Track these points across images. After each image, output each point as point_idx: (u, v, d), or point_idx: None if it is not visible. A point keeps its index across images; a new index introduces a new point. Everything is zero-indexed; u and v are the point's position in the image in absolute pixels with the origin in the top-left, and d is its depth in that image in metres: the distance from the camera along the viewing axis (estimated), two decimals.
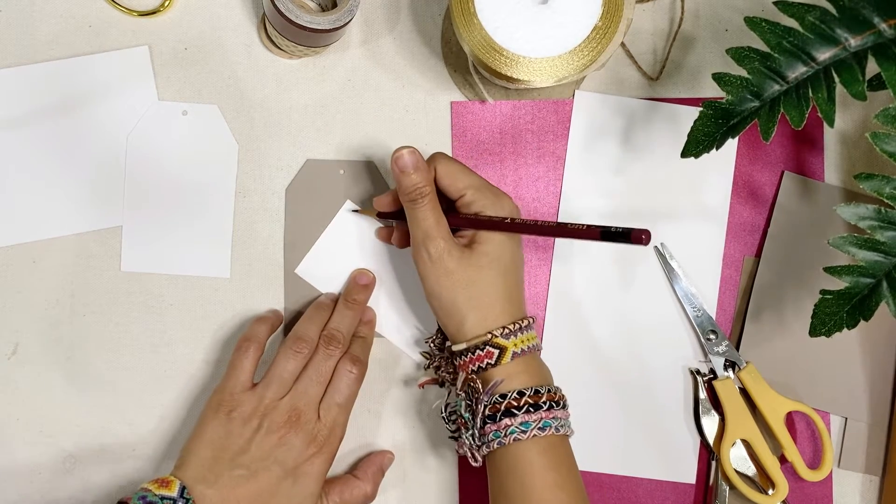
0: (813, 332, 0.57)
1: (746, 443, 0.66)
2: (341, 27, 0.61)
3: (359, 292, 0.66)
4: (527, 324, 0.59)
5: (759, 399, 0.66)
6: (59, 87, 0.67)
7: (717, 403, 0.67)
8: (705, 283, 0.68)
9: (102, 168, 0.67)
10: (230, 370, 0.61)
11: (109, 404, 0.67)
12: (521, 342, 0.58)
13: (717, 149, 0.56)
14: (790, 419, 0.67)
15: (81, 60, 0.67)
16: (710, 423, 0.67)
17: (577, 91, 0.69)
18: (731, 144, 0.69)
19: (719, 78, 0.56)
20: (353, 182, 0.68)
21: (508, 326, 0.57)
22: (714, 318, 0.68)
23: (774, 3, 0.56)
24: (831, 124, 0.54)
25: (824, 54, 0.55)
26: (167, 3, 0.68)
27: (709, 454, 0.67)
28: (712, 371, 0.67)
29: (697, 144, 0.57)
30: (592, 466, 0.67)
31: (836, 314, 0.56)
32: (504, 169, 0.68)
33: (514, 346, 0.57)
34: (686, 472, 0.67)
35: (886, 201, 0.55)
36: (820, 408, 0.68)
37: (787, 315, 0.68)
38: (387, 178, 0.68)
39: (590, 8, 0.59)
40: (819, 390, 0.68)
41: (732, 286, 0.69)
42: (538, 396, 0.56)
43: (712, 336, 0.67)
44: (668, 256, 0.68)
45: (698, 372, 0.67)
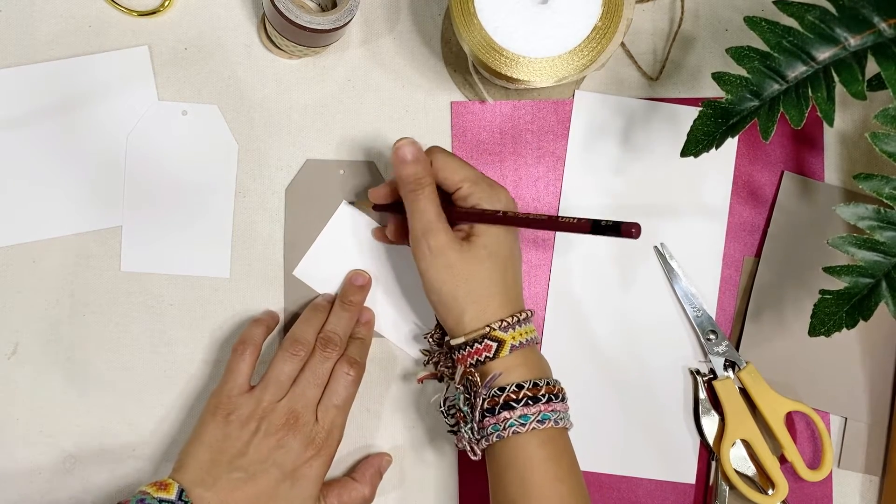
0: (812, 332, 0.57)
1: (746, 443, 0.66)
2: (341, 27, 0.61)
3: (355, 293, 0.66)
4: (525, 317, 0.59)
5: (758, 399, 0.66)
6: (59, 87, 0.67)
7: (717, 403, 0.67)
8: (705, 283, 0.68)
9: (102, 168, 0.67)
10: (227, 373, 0.61)
11: (109, 404, 0.67)
12: (520, 335, 0.58)
13: (717, 148, 0.56)
14: (790, 419, 0.67)
15: (81, 60, 0.67)
16: (710, 423, 0.67)
17: (577, 91, 0.69)
18: (731, 144, 0.69)
19: (719, 77, 0.56)
20: (353, 182, 0.68)
21: (507, 320, 0.57)
22: (714, 318, 0.68)
23: (774, 2, 0.56)
24: (831, 124, 0.54)
25: (824, 54, 0.55)
26: (167, 3, 0.68)
27: (709, 454, 0.67)
28: (712, 371, 0.67)
29: (697, 144, 0.57)
30: (592, 466, 0.67)
31: (835, 314, 0.56)
32: (504, 169, 0.68)
33: (512, 339, 0.57)
34: (686, 472, 0.67)
35: (886, 201, 0.55)
36: (820, 408, 0.68)
37: (787, 315, 0.68)
38: (387, 178, 0.68)
39: (590, 8, 0.59)
40: (819, 390, 0.68)
41: (732, 286, 0.69)
42: (537, 389, 0.56)
43: (712, 336, 0.67)
44: (668, 256, 0.68)
45: (698, 372, 0.67)
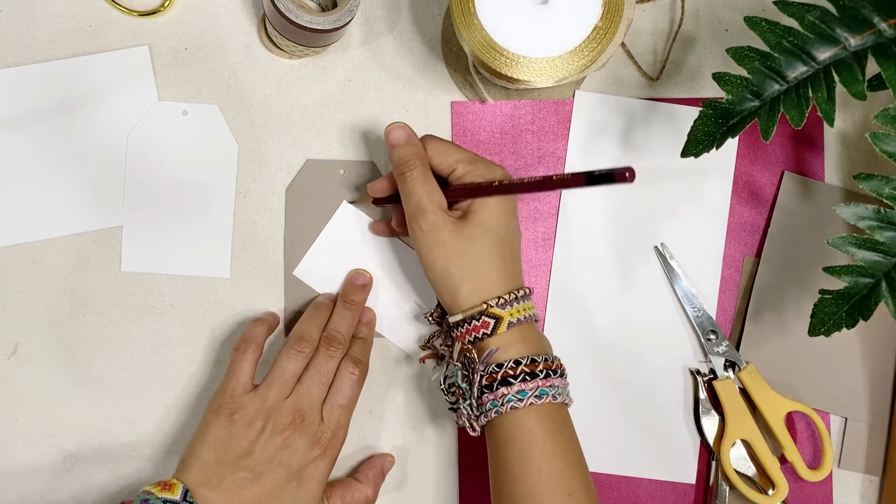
0: (812, 332, 0.57)
1: (746, 443, 0.66)
2: (341, 27, 0.61)
3: (356, 293, 0.66)
4: (523, 294, 0.59)
5: (759, 399, 0.66)
6: (59, 87, 0.67)
7: (717, 403, 0.67)
8: (705, 283, 0.68)
9: (102, 168, 0.67)
10: (230, 373, 0.61)
11: (109, 404, 0.67)
12: (518, 312, 0.57)
13: (717, 148, 0.56)
14: (790, 419, 0.67)
15: (81, 60, 0.67)
16: (710, 423, 0.67)
17: (577, 91, 0.69)
18: (732, 144, 0.69)
19: (719, 77, 0.56)
20: (353, 182, 0.68)
21: (504, 296, 0.57)
22: (714, 318, 0.68)
23: (774, 2, 0.56)
24: (831, 124, 0.54)
25: (824, 54, 0.55)
26: (167, 3, 0.68)
27: (709, 454, 0.67)
28: (712, 371, 0.67)
29: (697, 144, 0.57)
30: (592, 466, 0.66)
31: (835, 314, 0.56)
32: (506, 169, 0.68)
33: (510, 315, 0.57)
34: (686, 472, 0.67)
35: (886, 201, 0.55)
36: (820, 408, 0.68)
37: (787, 315, 0.68)
38: None
39: (590, 8, 0.59)
40: (819, 390, 0.68)
41: (732, 286, 0.69)
42: (534, 365, 0.56)
43: (712, 336, 0.67)
44: (668, 256, 0.68)
45: (698, 372, 0.67)
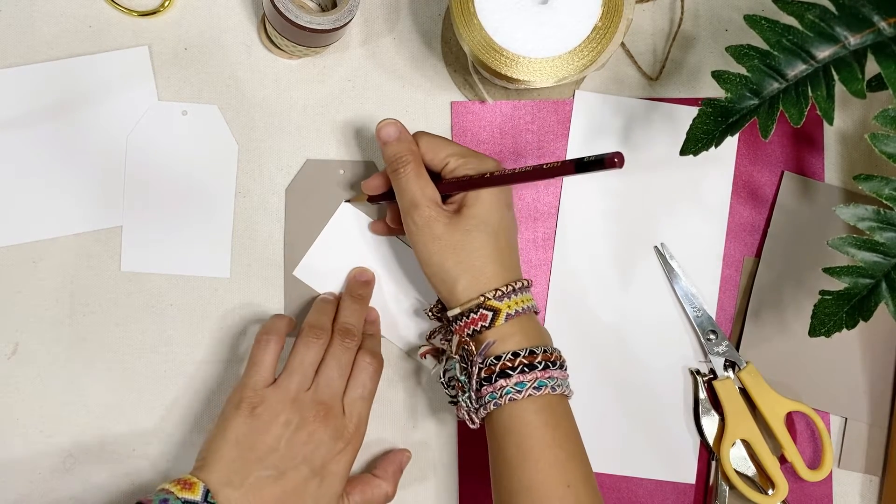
0: (812, 333, 0.57)
1: (746, 443, 0.66)
2: (341, 27, 0.61)
3: (362, 287, 0.66)
4: (521, 285, 0.58)
5: (759, 399, 0.66)
6: (59, 87, 0.67)
7: (717, 403, 0.67)
8: (705, 283, 0.68)
9: (102, 168, 0.67)
10: (251, 365, 0.60)
11: (109, 404, 0.67)
12: (516, 304, 0.57)
13: (717, 147, 0.56)
14: (790, 419, 0.67)
15: (81, 60, 0.67)
16: (710, 423, 0.67)
17: (577, 91, 0.69)
18: (731, 144, 0.69)
19: (718, 76, 0.56)
20: (353, 182, 0.68)
21: (501, 288, 0.57)
22: (714, 318, 0.68)
23: (774, 1, 0.56)
24: (831, 122, 0.54)
25: (824, 52, 0.55)
26: (167, 3, 0.68)
27: (709, 454, 0.67)
28: (712, 371, 0.67)
29: (696, 142, 0.57)
30: (592, 467, 0.67)
31: (835, 315, 0.56)
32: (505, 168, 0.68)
33: (507, 307, 0.57)
34: (686, 472, 0.67)
35: (885, 202, 0.55)
36: (820, 408, 0.67)
37: (787, 315, 0.68)
38: None
39: (590, 8, 0.59)
40: (819, 390, 0.68)
41: (732, 286, 0.68)
42: (533, 357, 0.56)
43: (712, 336, 0.67)
44: (668, 256, 0.68)
45: (698, 372, 0.67)
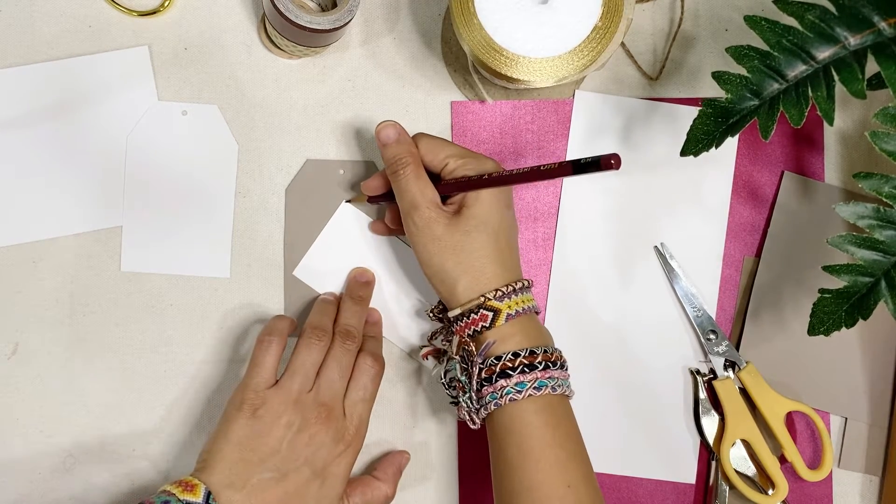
0: (811, 331, 0.57)
1: (746, 443, 0.66)
2: (341, 27, 0.61)
3: (362, 289, 0.66)
4: (522, 286, 0.59)
5: (759, 399, 0.66)
6: (59, 87, 0.67)
7: (717, 403, 0.67)
8: (705, 283, 0.68)
9: (102, 168, 0.67)
10: (252, 366, 0.59)
11: (109, 404, 0.67)
12: (517, 304, 0.57)
13: (717, 147, 0.56)
14: (790, 419, 0.67)
15: (81, 60, 0.67)
16: (710, 423, 0.67)
17: (577, 91, 0.69)
18: (731, 144, 0.69)
19: (719, 76, 0.56)
20: (353, 182, 0.68)
21: (501, 289, 0.57)
22: (714, 318, 0.68)
23: (774, 1, 0.56)
24: (831, 123, 0.54)
25: (824, 53, 0.55)
26: (167, 3, 0.68)
27: (709, 454, 0.67)
28: (712, 371, 0.67)
29: (697, 143, 0.57)
30: (593, 467, 0.67)
31: (834, 313, 0.56)
32: (505, 168, 0.68)
33: (508, 308, 0.57)
34: (686, 472, 0.67)
35: (885, 200, 0.55)
36: (820, 408, 0.67)
37: (786, 315, 0.68)
38: None
39: (590, 8, 0.59)
40: (819, 390, 0.68)
41: (732, 286, 0.68)
42: (533, 357, 0.56)
43: (712, 336, 0.67)
44: (668, 256, 0.68)
45: (698, 372, 0.67)
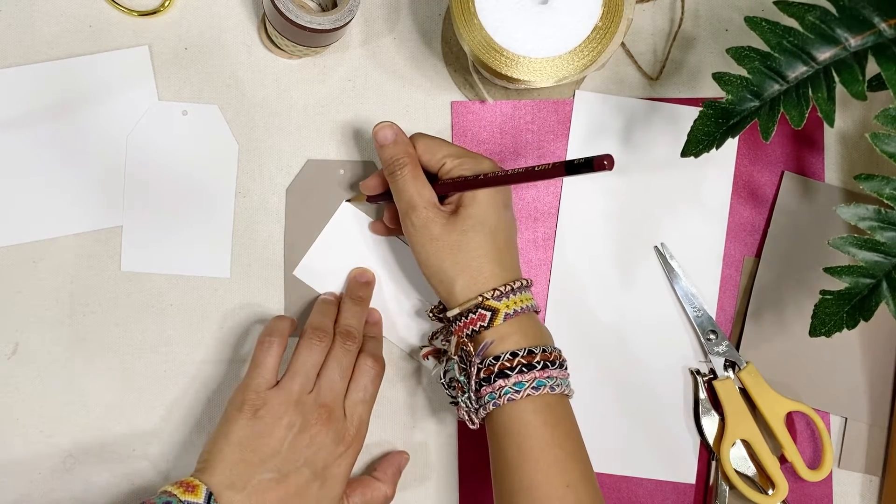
0: (813, 333, 0.57)
1: (746, 443, 0.66)
2: (341, 27, 0.61)
3: (362, 289, 0.66)
4: (520, 285, 0.59)
5: (759, 399, 0.66)
6: (59, 87, 0.67)
7: (717, 403, 0.67)
8: (705, 283, 0.68)
9: (102, 168, 0.67)
10: (253, 367, 0.59)
11: (109, 404, 0.67)
12: (514, 303, 0.57)
13: (717, 148, 0.56)
14: (790, 419, 0.67)
15: (81, 60, 0.67)
16: (710, 423, 0.67)
17: (577, 91, 0.69)
18: (732, 144, 0.69)
19: (719, 77, 0.56)
20: (353, 182, 0.68)
21: (499, 288, 0.57)
22: (714, 318, 0.68)
23: (775, 2, 0.56)
24: (831, 124, 0.54)
25: (824, 54, 0.55)
26: (167, 3, 0.68)
27: (709, 454, 0.67)
28: (712, 371, 0.67)
29: (697, 144, 0.57)
30: (593, 467, 0.67)
31: (835, 314, 0.56)
32: (504, 168, 0.68)
33: (506, 307, 0.57)
34: (686, 472, 0.67)
35: (886, 202, 0.55)
36: (820, 408, 0.68)
37: (787, 315, 0.68)
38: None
39: (590, 8, 0.59)
40: (819, 390, 0.68)
41: (732, 286, 0.69)
42: (532, 356, 0.56)
43: (712, 336, 0.67)
44: (668, 256, 0.68)
45: (698, 372, 0.67)
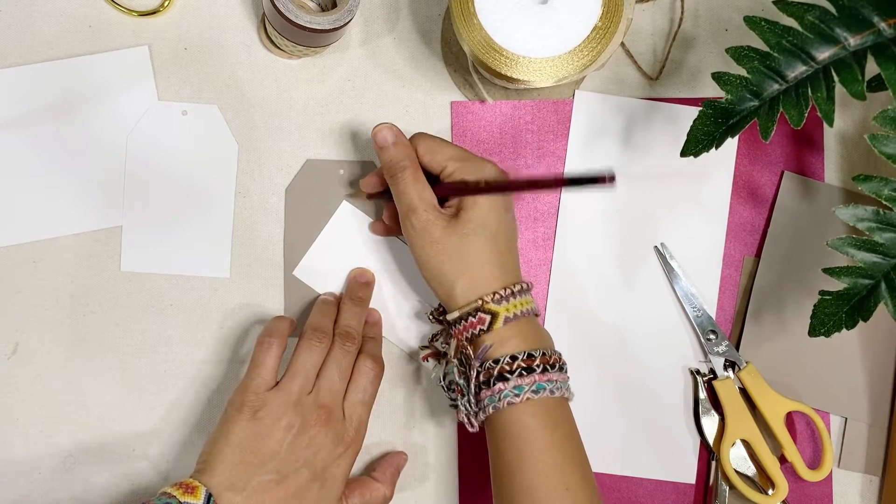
0: (812, 333, 0.57)
1: (746, 443, 0.66)
2: (341, 27, 0.61)
3: (361, 289, 0.66)
4: (520, 288, 0.58)
5: (758, 399, 0.66)
6: (59, 87, 0.67)
7: (717, 403, 0.67)
8: (705, 283, 0.68)
9: (102, 168, 0.67)
10: (252, 367, 0.59)
11: (109, 404, 0.67)
12: (515, 307, 0.57)
13: (717, 148, 0.56)
14: (790, 419, 0.67)
15: (81, 60, 0.67)
16: (710, 423, 0.67)
17: (577, 91, 0.69)
18: (731, 144, 0.69)
19: (719, 77, 0.56)
20: (352, 182, 0.68)
21: (500, 292, 0.57)
22: (714, 318, 0.68)
23: (774, 2, 0.56)
24: (831, 124, 0.54)
25: (824, 54, 0.55)
26: (167, 3, 0.68)
27: (709, 454, 0.67)
28: (712, 371, 0.67)
29: (697, 143, 0.57)
30: (593, 466, 0.67)
31: (835, 315, 0.56)
32: (504, 168, 0.68)
33: (506, 311, 0.57)
34: (686, 472, 0.67)
35: (885, 203, 0.55)
36: (820, 408, 0.67)
37: (787, 315, 0.68)
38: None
39: (590, 8, 0.59)
40: (819, 390, 0.68)
41: (732, 286, 0.68)
42: (531, 360, 0.56)
43: (712, 336, 0.67)
44: (668, 256, 0.68)
45: (698, 372, 0.67)
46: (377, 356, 0.63)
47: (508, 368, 0.56)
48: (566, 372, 0.59)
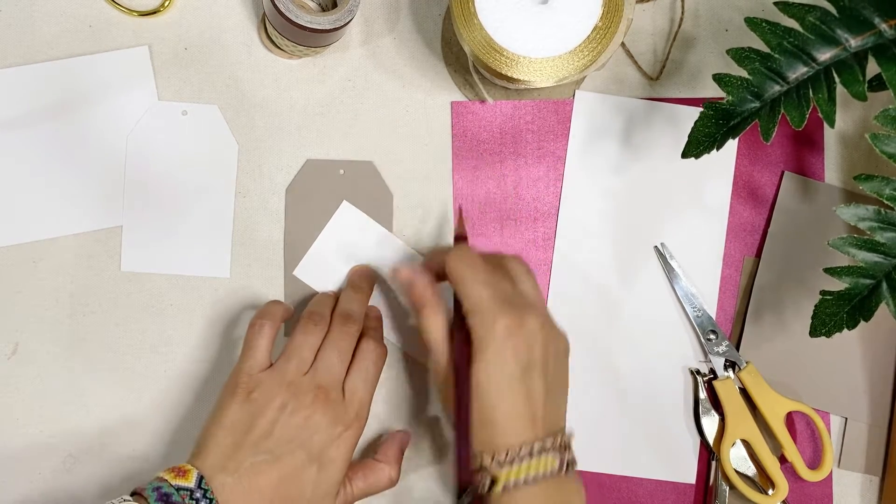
0: (813, 333, 0.57)
1: (746, 443, 0.66)
2: (341, 27, 0.61)
3: (362, 280, 0.65)
4: (541, 447, 0.52)
5: (759, 399, 0.66)
6: (59, 87, 0.67)
7: (717, 403, 0.67)
8: (705, 283, 0.68)
9: (102, 168, 0.67)
10: (245, 350, 0.58)
11: (109, 404, 0.67)
12: (526, 470, 0.51)
13: (718, 149, 0.56)
14: (790, 419, 0.67)
15: (81, 60, 0.67)
16: (710, 423, 0.67)
17: (577, 91, 0.69)
18: (732, 145, 0.69)
19: (720, 78, 0.56)
20: (352, 182, 0.68)
21: (509, 450, 0.52)
22: (714, 318, 0.68)
23: (775, 3, 0.57)
24: (832, 125, 0.54)
25: (825, 55, 0.55)
26: (167, 3, 0.68)
27: (709, 454, 0.67)
28: (712, 371, 0.67)
29: (698, 145, 0.57)
30: (592, 466, 0.67)
31: (836, 315, 0.56)
32: (504, 169, 0.68)
33: (507, 476, 0.51)
34: (686, 472, 0.67)
35: (886, 202, 0.55)
36: (820, 408, 0.68)
37: (787, 315, 0.68)
38: (386, 179, 0.68)
39: (590, 8, 0.59)
40: (819, 390, 0.68)
41: (732, 286, 0.69)
42: None
43: (712, 336, 0.67)
44: (668, 256, 0.68)
45: (698, 372, 0.67)
46: (379, 340, 0.62)
47: None
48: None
